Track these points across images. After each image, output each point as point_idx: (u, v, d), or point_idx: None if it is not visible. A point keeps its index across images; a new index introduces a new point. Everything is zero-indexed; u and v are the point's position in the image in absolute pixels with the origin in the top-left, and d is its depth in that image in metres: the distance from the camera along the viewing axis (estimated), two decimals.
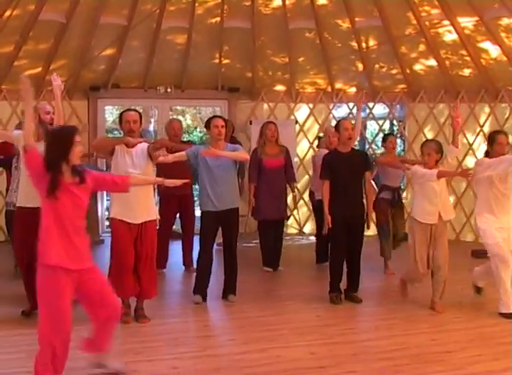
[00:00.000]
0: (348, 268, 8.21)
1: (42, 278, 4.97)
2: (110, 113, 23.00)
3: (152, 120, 20.37)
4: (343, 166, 8.03)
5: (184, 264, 10.00)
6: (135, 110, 7.42)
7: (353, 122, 8.60)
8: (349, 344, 6.52)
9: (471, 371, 5.76)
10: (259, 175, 9.77)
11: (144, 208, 7.04)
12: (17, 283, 7.97)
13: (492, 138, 7.64)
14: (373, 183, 8.89)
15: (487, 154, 7.67)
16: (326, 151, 9.32)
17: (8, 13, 10.79)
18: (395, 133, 15.84)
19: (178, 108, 20.49)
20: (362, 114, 10.15)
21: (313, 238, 11.34)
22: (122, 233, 6.98)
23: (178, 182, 6.29)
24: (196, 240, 8.83)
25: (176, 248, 10.06)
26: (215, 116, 8.30)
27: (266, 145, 9.90)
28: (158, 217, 7.40)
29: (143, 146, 7.06)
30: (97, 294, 5.22)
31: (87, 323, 5.42)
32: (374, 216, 9.38)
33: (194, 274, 8.32)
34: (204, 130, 8.99)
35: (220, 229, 8.06)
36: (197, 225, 8.55)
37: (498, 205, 7.51)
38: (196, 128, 23.65)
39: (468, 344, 6.42)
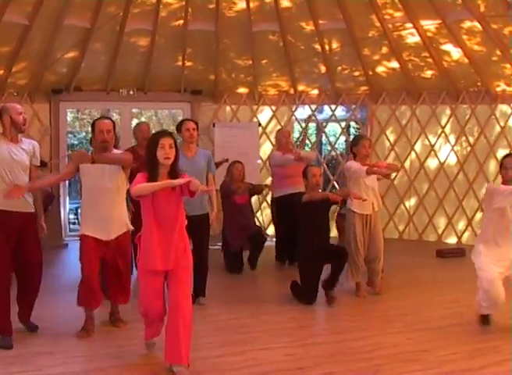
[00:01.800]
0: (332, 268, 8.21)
1: None
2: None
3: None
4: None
5: None
6: (109, 118, 7.02)
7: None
8: (326, 345, 6.54)
9: (449, 369, 5.80)
10: (229, 208, 10.20)
11: (118, 223, 6.84)
12: None
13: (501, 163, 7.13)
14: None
15: None
16: (279, 153, 10.28)
17: None
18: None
19: (134, 111, 20.36)
20: (323, 116, 10.37)
21: None
22: (91, 251, 6.75)
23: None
24: None
25: None
26: (186, 119, 8.32)
27: (233, 183, 10.22)
28: (131, 228, 6.95)
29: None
30: None
31: None
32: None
33: None
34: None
35: None
36: None
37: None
38: (152, 130, 23.50)
39: (444, 343, 6.48)
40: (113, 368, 5.79)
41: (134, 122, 18.21)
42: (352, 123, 17.79)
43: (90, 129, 7.11)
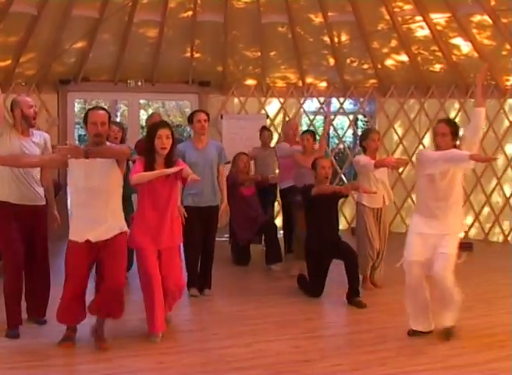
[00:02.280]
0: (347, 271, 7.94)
1: None
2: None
3: (118, 114, 20.26)
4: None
5: None
6: (103, 109, 6.37)
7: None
8: (333, 338, 6.58)
9: (455, 363, 5.81)
10: (235, 200, 9.80)
11: (113, 221, 6.17)
12: None
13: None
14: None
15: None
16: (286, 145, 10.31)
17: None
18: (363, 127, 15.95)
19: (141, 102, 20.37)
20: (331, 108, 10.26)
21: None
22: (78, 258, 6.12)
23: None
24: None
25: None
26: (197, 111, 8.28)
27: (238, 175, 10.12)
28: (127, 230, 6.38)
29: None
30: None
31: None
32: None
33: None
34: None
35: None
36: None
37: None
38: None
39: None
40: (118, 358, 5.80)
41: (142, 113, 18.30)
42: (360, 116, 17.75)
43: None
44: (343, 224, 13.00)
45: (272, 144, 11.77)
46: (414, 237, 6.47)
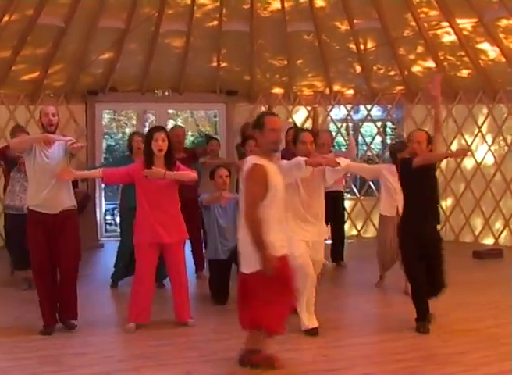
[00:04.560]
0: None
1: None
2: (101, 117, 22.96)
3: (146, 124, 20.30)
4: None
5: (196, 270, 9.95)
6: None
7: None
8: (361, 346, 6.52)
9: (484, 371, 5.75)
10: None
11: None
12: (15, 289, 8.57)
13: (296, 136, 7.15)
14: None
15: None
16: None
17: (6, 18, 10.75)
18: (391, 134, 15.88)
19: (170, 111, 20.42)
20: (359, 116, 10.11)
21: None
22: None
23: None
24: None
25: None
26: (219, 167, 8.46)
27: None
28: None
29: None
30: None
31: None
32: None
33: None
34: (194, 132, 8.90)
35: None
36: None
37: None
38: (188, 132, 23.60)
39: (479, 345, 6.40)
40: (145, 368, 5.81)
41: (171, 123, 18.35)
42: (388, 123, 17.68)
43: (127, 131, 7.12)
44: (372, 232, 12.96)
45: None
46: None
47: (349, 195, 13.77)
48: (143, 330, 6.93)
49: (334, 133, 13.77)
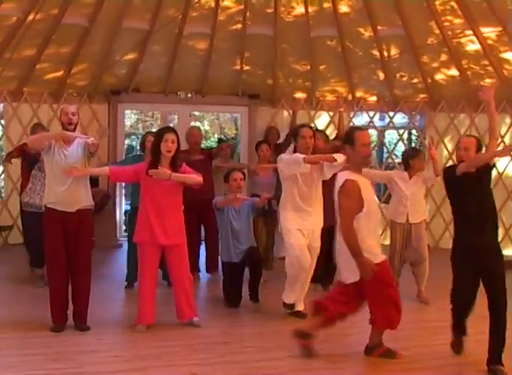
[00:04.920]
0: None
1: None
2: (128, 118, 23.03)
3: (171, 125, 20.35)
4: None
5: (208, 270, 10.04)
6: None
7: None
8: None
9: None
10: None
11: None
12: (32, 286, 8.74)
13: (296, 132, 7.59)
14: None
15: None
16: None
17: (31, 17, 10.84)
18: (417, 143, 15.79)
19: (196, 113, 20.46)
20: (381, 122, 10.17)
21: None
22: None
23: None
24: None
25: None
26: (234, 170, 8.43)
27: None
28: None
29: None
30: None
31: None
32: None
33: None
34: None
35: None
36: None
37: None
38: (214, 134, 23.66)
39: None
40: (151, 368, 5.83)
41: (196, 125, 18.33)
42: (413, 131, 17.63)
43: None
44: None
45: None
46: None
47: None
48: (153, 330, 6.97)
49: None
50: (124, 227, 13.35)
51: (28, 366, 5.82)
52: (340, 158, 7.01)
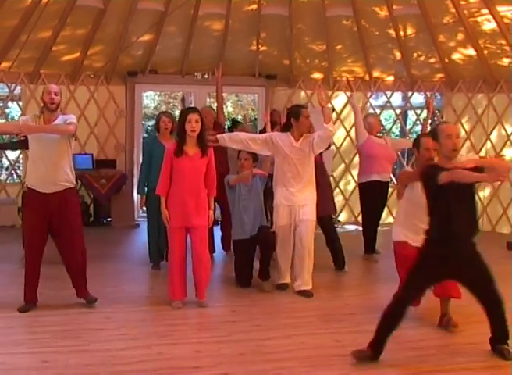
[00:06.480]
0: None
1: None
2: (152, 99, 23.11)
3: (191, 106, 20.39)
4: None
5: (224, 248, 10.14)
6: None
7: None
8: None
9: (494, 363, 5.70)
10: None
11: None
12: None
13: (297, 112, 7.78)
14: None
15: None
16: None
17: None
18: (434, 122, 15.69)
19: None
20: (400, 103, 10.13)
21: (349, 227, 11.34)
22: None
23: None
24: None
25: None
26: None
27: None
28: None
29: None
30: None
31: None
32: None
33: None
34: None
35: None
36: None
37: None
38: (238, 115, 23.66)
39: None
40: (156, 346, 5.89)
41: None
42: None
43: (176, 113, 7.26)
44: None
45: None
46: None
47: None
48: (162, 310, 7.04)
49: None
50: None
51: (34, 344, 5.89)
52: (332, 126, 7.56)
